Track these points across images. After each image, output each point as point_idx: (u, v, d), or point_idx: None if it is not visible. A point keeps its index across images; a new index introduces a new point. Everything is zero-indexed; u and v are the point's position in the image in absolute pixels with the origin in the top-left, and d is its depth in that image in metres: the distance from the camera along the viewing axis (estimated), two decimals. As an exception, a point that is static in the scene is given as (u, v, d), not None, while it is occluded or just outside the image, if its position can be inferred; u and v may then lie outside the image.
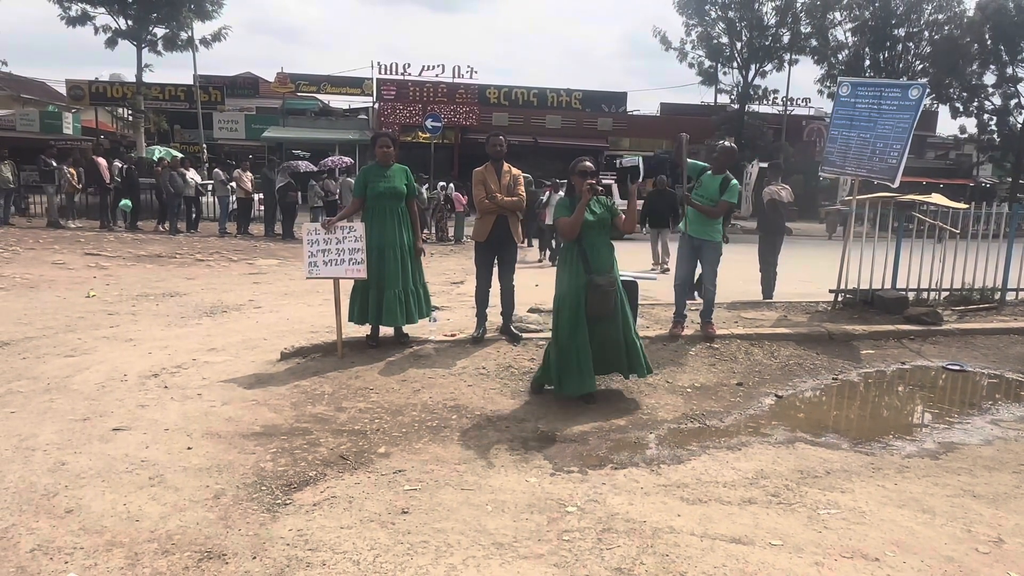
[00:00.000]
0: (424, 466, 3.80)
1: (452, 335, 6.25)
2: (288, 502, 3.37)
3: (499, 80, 39.89)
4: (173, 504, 3.30)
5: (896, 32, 33.72)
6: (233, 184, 16.83)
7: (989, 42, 32.30)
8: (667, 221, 12.37)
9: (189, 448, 3.95)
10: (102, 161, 16.39)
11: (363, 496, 3.43)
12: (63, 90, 32.95)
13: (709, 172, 6.35)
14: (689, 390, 5.28)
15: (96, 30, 21.52)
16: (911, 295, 8.00)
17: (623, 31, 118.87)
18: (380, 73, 33.44)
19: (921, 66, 34.02)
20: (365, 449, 4.03)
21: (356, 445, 4.08)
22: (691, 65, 34.46)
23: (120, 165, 17.06)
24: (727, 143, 6.44)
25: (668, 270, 10.14)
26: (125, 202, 16.56)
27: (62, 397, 4.72)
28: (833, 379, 5.80)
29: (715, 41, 34.01)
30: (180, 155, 20.36)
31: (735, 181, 6.30)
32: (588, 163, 4.81)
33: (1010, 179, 35.63)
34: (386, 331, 6.09)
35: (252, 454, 3.91)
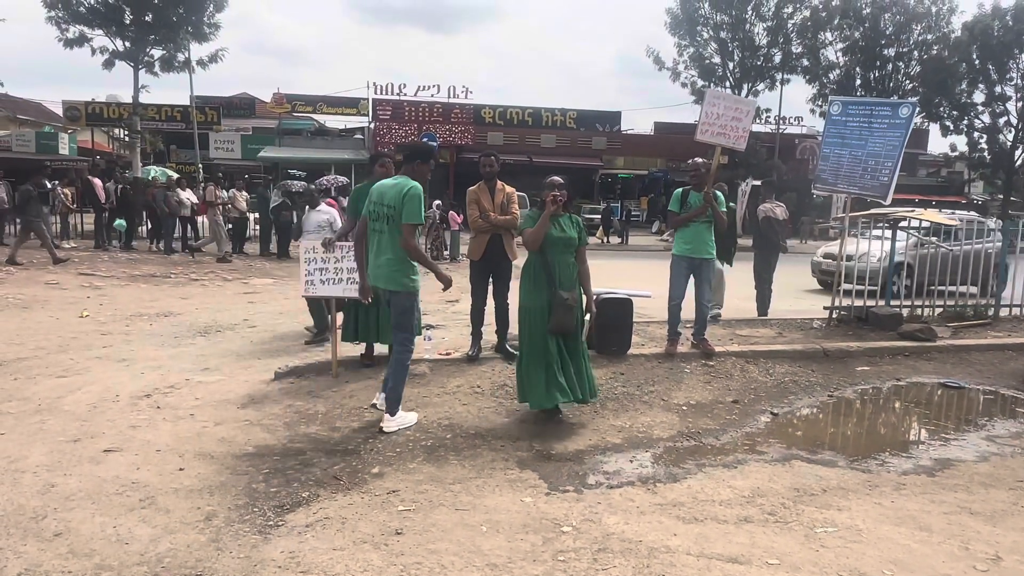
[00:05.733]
0: (418, 486, 3.77)
1: (447, 353, 6.23)
2: (280, 523, 3.33)
3: (494, 100, 40.22)
4: (164, 526, 3.26)
5: (886, 52, 34.14)
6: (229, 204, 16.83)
7: (977, 61, 32.74)
8: (727, 255, 8.43)
9: (181, 469, 3.91)
10: (97, 181, 16.42)
11: (356, 517, 3.39)
12: (59, 111, 33.03)
13: (692, 191, 6.43)
14: (684, 408, 5.27)
15: (93, 51, 21.61)
16: (905, 311, 8.03)
17: (617, 51, 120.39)
18: (376, 93, 33.65)
19: (911, 85, 34.41)
20: (359, 469, 3.99)
21: (350, 465, 4.05)
22: (684, 85, 34.83)
23: (115, 185, 17.08)
24: (691, 160, 6.60)
25: (720, 316, 8.17)
26: (120, 222, 16.55)
27: (53, 418, 4.68)
28: (829, 396, 5.79)
29: (707, 61, 34.39)
30: (176, 175, 20.39)
31: (716, 191, 6.41)
32: (556, 178, 4.82)
33: (1001, 196, 35.94)
34: (380, 350, 6.07)
35: (244, 475, 3.87)
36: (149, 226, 17.72)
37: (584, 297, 4.87)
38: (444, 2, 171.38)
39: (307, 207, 7.31)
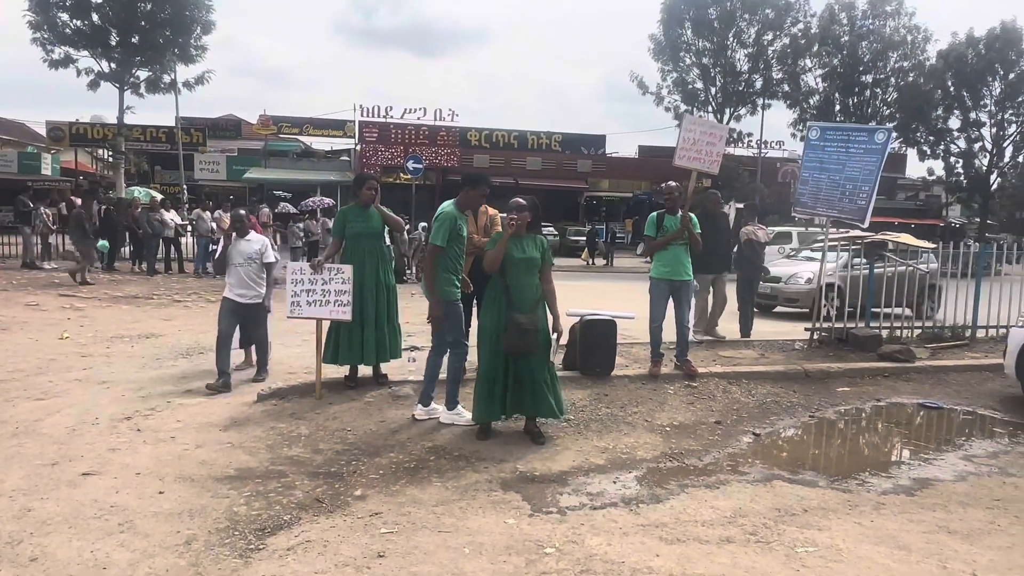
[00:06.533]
0: (401, 508, 3.75)
1: (431, 375, 6.22)
2: (261, 547, 3.30)
3: (480, 123, 40.54)
4: (142, 551, 3.23)
5: (864, 79, 34.95)
6: (214, 225, 16.78)
7: (952, 89, 33.57)
8: (727, 262, 8.74)
9: (161, 492, 3.87)
10: (80, 202, 16.30)
11: (338, 540, 3.37)
12: (43, 131, 32.88)
13: (666, 214, 6.52)
14: (668, 428, 5.29)
15: (79, 73, 21.61)
16: (884, 332, 8.14)
17: (602, 75, 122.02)
18: (362, 116, 33.85)
19: (889, 111, 35.17)
20: (341, 492, 3.97)
21: (332, 488, 4.03)
22: (667, 109, 35.38)
23: (98, 206, 16.97)
24: (665, 184, 6.70)
25: (724, 336, 8.38)
26: (102, 243, 16.41)
27: (31, 441, 4.61)
28: (810, 417, 5.85)
29: (690, 86, 34.99)
30: (160, 196, 20.32)
31: (691, 214, 6.50)
32: (520, 200, 4.83)
33: (978, 219, 36.63)
34: (364, 371, 6.06)
35: (225, 498, 3.84)
36: (132, 247, 17.59)
37: (551, 317, 4.86)
38: (432, 27, 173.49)
39: (233, 235, 6.22)
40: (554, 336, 4.83)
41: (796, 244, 16.83)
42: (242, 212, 6.55)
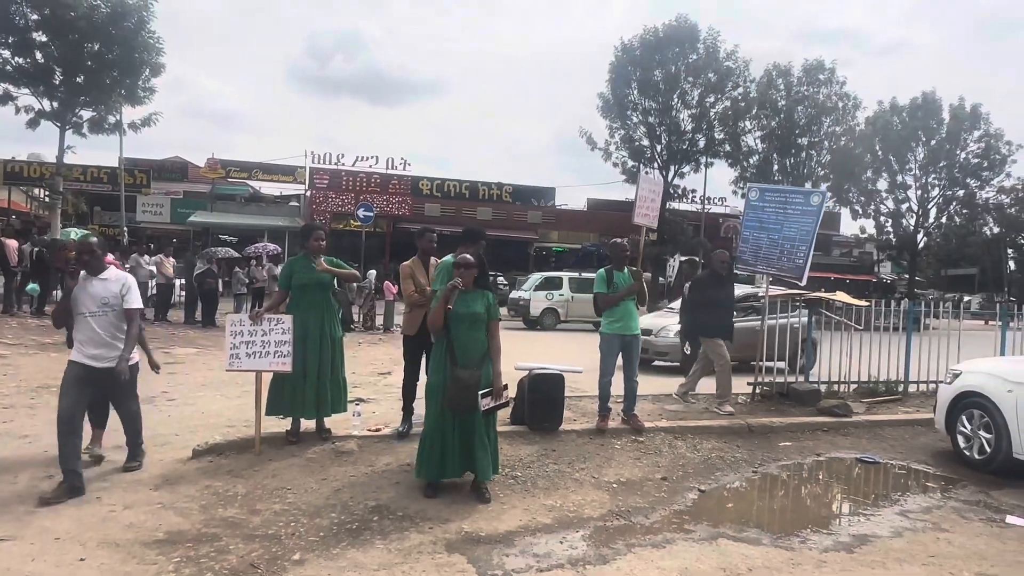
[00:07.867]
0: (341, 573, 3.61)
1: (376, 429, 6.10)
2: (189, 619, 3.12)
3: (432, 172, 41.02)
4: (57, 625, 3.00)
5: (800, 141, 36.74)
6: (153, 269, 16.29)
7: (880, 152, 35.64)
8: (729, 326, 7.91)
9: (82, 559, 3.63)
10: (11, 243, 15.62)
11: (273, 609, 3.21)
12: (-26, 168, 31.60)
13: (614, 270, 6.62)
14: (615, 485, 5.28)
15: (17, 110, 20.91)
16: (823, 387, 8.38)
17: (553, 129, 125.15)
18: (314, 162, 33.78)
19: (823, 171, 37.00)
20: (278, 556, 3.80)
21: (269, 552, 3.85)
22: (615, 164, 36.31)
23: (30, 247, 16.29)
24: (616, 241, 6.88)
25: (730, 411, 7.53)
26: (33, 286, 15.71)
27: (-61, 503, 4.29)
28: (753, 472, 5.92)
29: (637, 143, 36.11)
30: (96, 239, 19.62)
31: (636, 268, 6.67)
32: (467, 256, 4.84)
33: (907, 275, 38.51)
34: (307, 425, 5.89)
35: (153, 564, 3.63)
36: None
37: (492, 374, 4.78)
38: (387, 76, 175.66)
39: (83, 273, 4.78)
40: (484, 396, 4.65)
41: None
42: (93, 239, 4.97)
